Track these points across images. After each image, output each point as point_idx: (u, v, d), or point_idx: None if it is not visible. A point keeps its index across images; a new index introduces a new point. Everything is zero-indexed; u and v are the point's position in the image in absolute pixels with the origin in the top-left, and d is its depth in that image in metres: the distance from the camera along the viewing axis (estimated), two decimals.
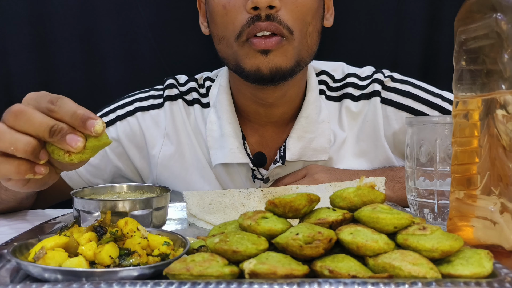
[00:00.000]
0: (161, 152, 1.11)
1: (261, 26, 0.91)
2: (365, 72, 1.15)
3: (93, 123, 0.62)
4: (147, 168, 1.13)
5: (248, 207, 0.83)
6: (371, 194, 0.58)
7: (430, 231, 0.50)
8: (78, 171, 1.10)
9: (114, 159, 1.12)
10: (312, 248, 0.49)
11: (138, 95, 1.16)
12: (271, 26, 0.91)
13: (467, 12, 0.61)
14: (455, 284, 0.44)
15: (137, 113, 1.12)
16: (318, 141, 1.05)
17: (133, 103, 1.14)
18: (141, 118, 1.12)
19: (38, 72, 1.41)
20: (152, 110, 1.13)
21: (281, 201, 0.56)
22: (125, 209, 0.70)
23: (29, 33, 1.39)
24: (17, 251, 0.54)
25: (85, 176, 1.11)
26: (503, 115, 0.57)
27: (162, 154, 1.11)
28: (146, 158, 1.12)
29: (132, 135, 1.11)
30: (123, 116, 1.12)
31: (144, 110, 1.13)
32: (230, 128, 1.05)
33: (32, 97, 0.66)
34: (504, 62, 0.56)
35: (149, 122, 1.12)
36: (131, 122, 1.12)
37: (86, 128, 0.62)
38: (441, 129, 0.73)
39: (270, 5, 0.89)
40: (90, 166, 1.11)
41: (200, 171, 1.10)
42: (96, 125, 0.62)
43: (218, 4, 0.95)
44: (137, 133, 1.12)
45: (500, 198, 0.58)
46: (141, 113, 1.13)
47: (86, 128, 0.62)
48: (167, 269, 0.48)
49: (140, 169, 1.13)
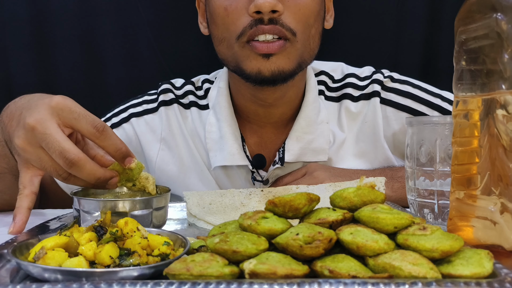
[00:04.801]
0: (158, 157, 1.11)
1: (264, 29, 0.90)
2: (364, 72, 1.15)
3: (131, 161, 0.72)
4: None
5: (248, 207, 0.83)
6: (371, 194, 0.58)
7: (430, 231, 0.50)
8: None
9: None
10: (312, 248, 0.49)
11: (131, 101, 1.16)
12: (274, 29, 0.90)
13: (467, 12, 0.61)
14: (455, 284, 0.44)
15: (132, 119, 1.13)
16: (317, 142, 1.05)
17: (127, 110, 1.14)
18: (136, 123, 1.13)
19: (38, 72, 1.41)
20: (146, 115, 1.13)
21: (281, 201, 0.56)
22: (125, 209, 0.70)
23: (29, 33, 1.39)
24: (17, 251, 0.54)
25: None
26: (503, 115, 0.57)
27: (160, 159, 1.11)
28: (143, 163, 1.12)
29: (128, 141, 1.11)
30: (118, 123, 1.13)
31: (138, 115, 1.13)
32: (229, 130, 1.05)
33: (63, 109, 0.69)
34: (504, 62, 0.56)
35: (143, 127, 1.12)
36: (126, 128, 1.12)
37: (124, 164, 0.72)
38: (441, 129, 0.73)
39: (273, 9, 0.89)
40: None
41: (198, 174, 1.10)
42: (132, 163, 0.72)
43: (219, 6, 0.94)
44: (133, 138, 1.12)
45: (500, 198, 0.58)
46: (135, 119, 1.13)
47: (124, 164, 0.72)
48: (167, 269, 0.47)
49: None
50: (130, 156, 0.72)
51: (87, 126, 0.68)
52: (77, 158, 0.66)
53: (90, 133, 0.68)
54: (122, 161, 0.71)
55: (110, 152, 0.70)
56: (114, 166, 0.73)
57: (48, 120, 0.68)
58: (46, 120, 0.68)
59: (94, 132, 0.68)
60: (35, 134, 0.68)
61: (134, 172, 0.73)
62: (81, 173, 0.68)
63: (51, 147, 0.67)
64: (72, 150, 0.67)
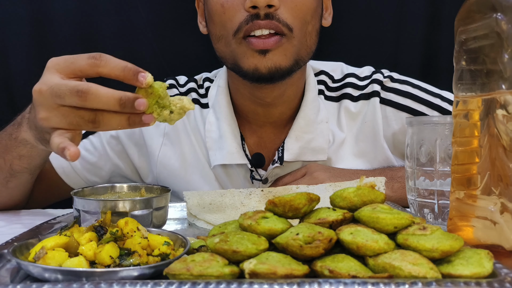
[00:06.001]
0: (161, 151, 1.11)
1: (260, 24, 0.90)
2: (364, 72, 1.15)
3: (144, 76, 0.64)
4: (146, 166, 1.13)
5: (248, 207, 0.83)
6: (371, 194, 0.58)
7: (430, 231, 0.50)
8: (76, 169, 1.10)
9: (113, 157, 1.12)
10: (312, 248, 0.49)
11: None
12: (270, 24, 0.91)
13: (467, 12, 0.61)
14: (455, 284, 0.44)
15: None
16: (317, 141, 1.05)
17: None
18: None
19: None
20: None
21: (280, 200, 0.56)
22: (125, 209, 0.70)
23: (29, 33, 1.39)
24: (17, 251, 0.54)
25: (83, 173, 1.11)
26: (503, 115, 0.57)
27: (162, 153, 1.11)
28: (145, 156, 1.12)
29: (131, 132, 1.11)
30: None
31: None
32: (229, 129, 1.05)
33: (59, 62, 0.67)
34: (504, 62, 0.56)
35: None
36: None
37: (137, 81, 0.64)
38: (441, 129, 0.73)
39: (269, 4, 0.89)
40: (88, 164, 1.11)
41: (200, 171, 1.10)
42: (147, 77, 0.64)
43: (216, 3, 0.95)
44: (136, 131, 1.12)
45: (500, 198, 0.58)
46: None
47: (137, 81, 0.64)
48: (167, 269, 0.48)
49: (139, 167, 1.13)
50: (141, 72, 0.64)
51: (85, 61, 0.66)
52: (88, 85, 0.64)
53: (90, 64, 0.65)
54: (136, 79, 0.64)
55: (118, 74, 0.65)
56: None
57: (49, 78, 0.67)
58: (48, 79, 0.67)
59: (93, 62, 0.65)
60: (45, 95, 0.66)
61: (158, 89, 0.65)
62: (99, 100, 0.63)
63: (61, 92, 0.65)
64: (81, 83, 0.65)
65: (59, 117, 0.66)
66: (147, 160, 1.13)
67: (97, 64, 0.65)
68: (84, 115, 0.65)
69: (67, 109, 0.66)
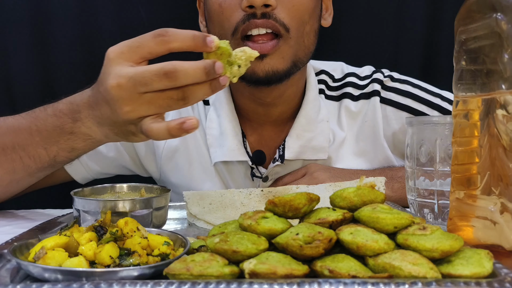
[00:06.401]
0: (166, 144, 1.11)
1: (256, 23, 0.91)
2: (364, 71, 1.15)
3: (212, 40, 0.64)
4: (151, 158, 1.13)
5: (248, 207, 0.83)
6: (371, 194, 0.58)
7: (430, 231, 0.50)
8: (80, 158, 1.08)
9: (118, 144, 1.11)
10: (312, 248, 0.49)
11: None
12: (267, 23, 0.91)
13: (467, 12, 0.61)
14: (455, 284, 0.44)
15: None
16: (317, 140, 1.05)
17: None
18: None
19: (38, 72, 1.41)
20: None
21: (280, 200, 0.56)
22: (125, 209, 0.70)
23: (29, 33, 1.39)
24: (17, 251, 0.54)
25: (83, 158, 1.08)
26: (503, 115, 0.57)
27: (167, 146, 1.11)
28: (150, 147, 1.12)
29: None
30: None
31: None
32: (230, 126, 1.05)
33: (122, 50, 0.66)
34: (504, 62, 0.56)
35: None
36: None
37: (207, 46, 0.64)
38: (441, 129, 0.73)
39: (265, 3, 0.89)
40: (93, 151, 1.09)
41: (202, 166, 1.10)
42: (214, 41, 0.64)
43: (214, 3, 0.95)
44: None
45: (500, 198, 0.58)
46: None
47: (207, 46, 0.64)
48: (167, 269, 0.48)
49: (143, 159, 1.13)
50: (207, 36, 0.64)
51: (152, 42, 0.65)
52: (171, 64, 0.63)
53: (159, 42, 0.64)
54: (206, 45, 0.63)
55: (190, 45, 0.64)
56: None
57: (120, 69, 0.65)
58: (120, 71, 0.65)
59: (161, 39, 0.64)
60: (126, 87, 0.65)
61: (227, 48, 0.65)
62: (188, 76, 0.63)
63: (146, 80, 0.63)
64: (163, 64, 0.63)
65: (145, 105, 0.65)
66: (152, 152, 1.12)
67: (166, 41, 0.64)
68: (172, 95, 0.65)
69: (152, 95, 0.65)
